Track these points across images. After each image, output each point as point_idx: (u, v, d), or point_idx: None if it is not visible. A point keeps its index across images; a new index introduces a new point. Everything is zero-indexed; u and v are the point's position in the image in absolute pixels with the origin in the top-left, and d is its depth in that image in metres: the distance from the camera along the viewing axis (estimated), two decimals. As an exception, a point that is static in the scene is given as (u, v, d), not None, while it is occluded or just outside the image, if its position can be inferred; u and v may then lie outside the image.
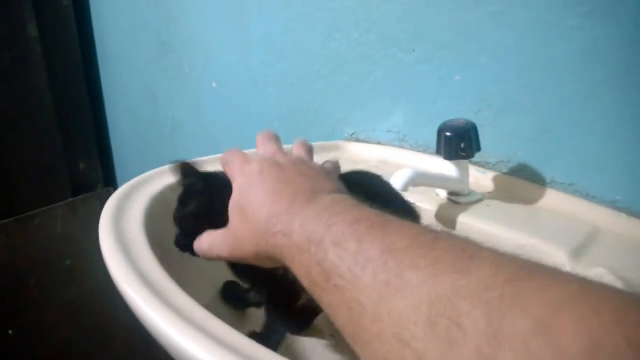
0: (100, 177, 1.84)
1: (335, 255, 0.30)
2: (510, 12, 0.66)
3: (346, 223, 0.32)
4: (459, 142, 0.64)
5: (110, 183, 1.86)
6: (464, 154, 0.64)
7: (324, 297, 0.31)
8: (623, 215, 0.61)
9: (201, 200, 0.49)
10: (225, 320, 0.40)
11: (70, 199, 1.72)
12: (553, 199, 0.66)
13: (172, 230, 0.52)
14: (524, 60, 0.67)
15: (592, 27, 0.60)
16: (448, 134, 0.64)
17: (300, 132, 1.03)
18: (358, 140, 0.92)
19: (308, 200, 0.37)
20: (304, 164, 0.45)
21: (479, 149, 0.66)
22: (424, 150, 0.81)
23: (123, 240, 0.51)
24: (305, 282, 0.34)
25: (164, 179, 0.68)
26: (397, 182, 0.60)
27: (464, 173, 0.67)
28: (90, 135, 1.79)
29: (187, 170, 0.50)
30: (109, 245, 0.50)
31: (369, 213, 0.33)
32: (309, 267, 0.32)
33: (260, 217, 0.38)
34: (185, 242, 0.49)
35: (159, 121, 1.50)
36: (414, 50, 0.79)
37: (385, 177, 0.59)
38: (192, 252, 0.48)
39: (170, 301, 0.43)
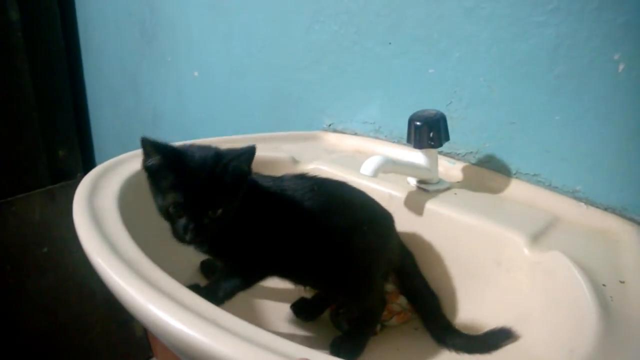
0: (79, 165, 1.83)
1: None
2: (484, 7, 0.69)
3: None
4: (428, 131, 0.66)
5: (90, 171, 1.85)
6: (432, 143, 0.66)
7: None
8: (582, 204, 0.64)
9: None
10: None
11: (49, 186, 1.71)
12: (517, 189, 0.69)
13: (145, 209, 0.54)
14: (495, 55, 0.69)
15: (558, 23, 0.62)
16: (418, 123, 0.67)
17: (281, 121, 1.04)
18: (335, 131, 0.94)
19: None
20: None
21: (447, 138, 0.68)
22: (399, 141, 0.84)
23: (96, 216, 0.52)
24: None
25: (137, 161, 0.68)
26: (367, 168, 0.62)
27: (433, 162, 0.69)
28: (70, 123, 1.78)
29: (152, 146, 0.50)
30: (82, 219, 0.51)
31: None
32: None
33: None
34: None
35: (140, 109, 1.50)
36: (390, 43, 0.81)
37: (360, 166, 0.62)
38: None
39: (144, 274, 0.44)
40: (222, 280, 0.54)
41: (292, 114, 1.02)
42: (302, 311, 0.65)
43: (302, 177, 0.61)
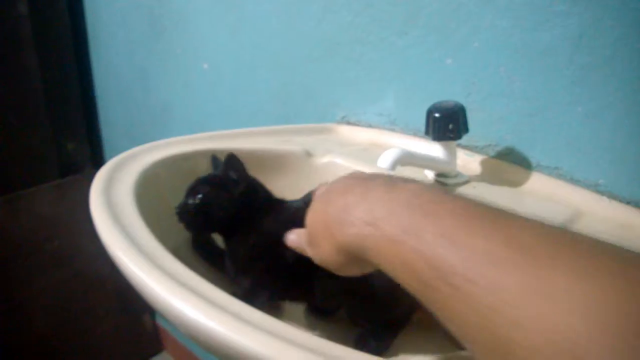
0: (88, 158, 1.83)
1: (447, 250, 0.26)
2: (503, -4, 0.67)
3: (449, 213, 0.27)
4: (447, 123, 0.65)
5: (98, 165, 1.82)
6: (451, 135, 0.65)
7: (435, 298, 0.26)
8: (604, 198, 0.63)
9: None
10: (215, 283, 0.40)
11: (58, 180, 1.71)
12: (538, 182, 0.68)
13: (161, 203, 0.53)
14: (515, 45, 0.68)
15: (580, 12, 0.61)
16: (437, 114, 0.65)
17: (292, 114, 1.03)
18: (349, 123, 0.92)
19: (387, 187, 0.32)
20: None
21: (466, 130, 0.67)
22: (414, 133, 0.82)
23: (114, 209, 0.52)
24: (402, 277, 0.29)
25: (153, 154, 0.68)
26: (384, 161, 0.61)
27: (452, 154, 0.68)
28: (79, 116, 1.78)
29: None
30: (100, 213, 0.50)
31: (469, 202, 0.28)
32: (409, 261, 0.27)
33: (334, 209, 0.34)
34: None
35: (149, 102, 1.50)
36: (406, 34, 0.80)
37: (375, 159, 0.60)
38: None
39: (165, 267, 0.43)
40: (254, 291, 0.54)
41: (304, 107, 1.01)
42: (318, 309, 0.64)
43: None
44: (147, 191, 0.59)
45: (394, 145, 0.80)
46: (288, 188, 0.60)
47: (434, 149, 0.69)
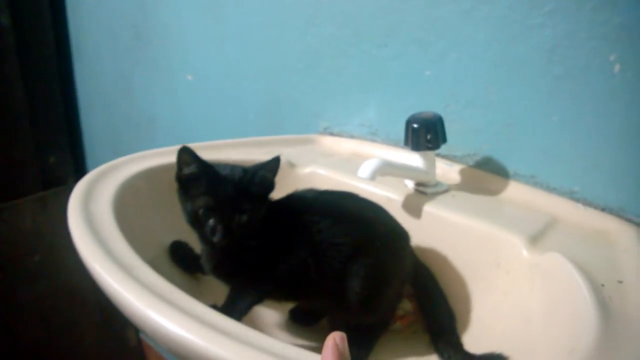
0: (71, 171, 1.81)
1: None
2: (481, 9, 0.69)
3: None
4: (425, 133, 0.66)
5: (81, 177, 1.82)
6: (430, 145, 0.66)
7: None
8: (580, 205, 0.64)
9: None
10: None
11: (41, 193, 1.69)
12: (515, 190, 0.69)
13: (141, 214, 0.53)
14: (492, 57, 0.69)
15: (554, 25, 0.63)
16: (415, 125, 0.66)
17: (276, 125, 1.04)
18: (332, 134, 0.93)
19: None
20: None
21: (444, 140, 0.68)
22: (396, 143, 0.83)
23: (91, 221, 0.51)
24: None
25: (133, 165, 0.68)
26: (364, 171, 0.61)
27: (431, 164, 0.69)
28: (61, 129, 1.75)
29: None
30: (77, 224, 0.50)
31: None
32: None
33: None
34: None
35: (134, 114, 1.49)
36: (386, 46, 0.81)
37: (356, 169, 0.61)
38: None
39: (141, 279, 0.43)
40: (236, 300, 0.54)
41: (287, 118, 1.01)
42: (301, 316, 0.64)
43: (312, 191, 0.62)
44: (126, 203, 0.59)
45: (375, 156, 0.81)
46: (273, 195, 0.60)
47: (414, 159, 0.70)
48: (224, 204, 0.52)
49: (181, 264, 0.62)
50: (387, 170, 0.63)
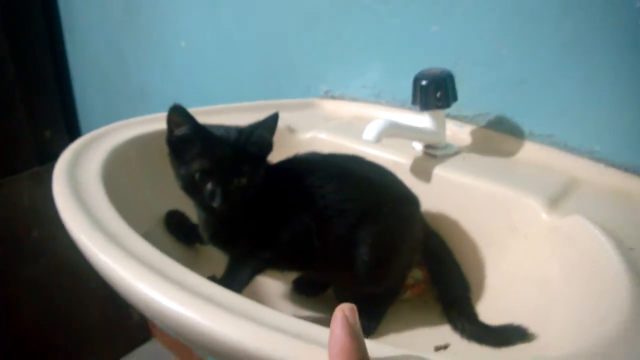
0: (67, 145, 1.77)
1: None
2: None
3: None
4: (434, 91, 0.62)
5: (78, 152, 1.79)
6: (439, 104, 0.62)
7: None
8: (601, 165, 0.60)
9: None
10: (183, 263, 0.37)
11: (36, 168, 1.66)
12: (531, 151, 0.65)
13: (131, 183, 0.49)
14: (503, 9, 0.64)
15: (572, -30, 0.57)
16: (423, 82, 0.62)
17: (274, 90, 0.99)
18: (333, 98, 0.88)
19: None
20: None
21: (455, 98, 0.64)
22: (401, 105, 0.79)
23: (78, 190, 0.48)
24: None
25: (124, 132, 0.64)
26: (369, 133, 0.58)
27: (440, 124, 0.65)
28: (55, 103, 1.71)
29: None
30: (62, 193, 0.46)
31: None
32: None
33: None
34: None
35: (127, 86, 1.44)
36: (388, 2, 0.75)
37: (360, 133, 0.57)
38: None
39: (131, 249, 0.40)
40: (236, 270, 0.51)
41: (285, 82, 0.97)
42: (305, 287, 0.61)
43: (314, 154, 0.58)
44: (116, 171, 0.56)
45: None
46: (272, 161, 0.56)
47: (422, 120, 0.65)
48: (221, 167, 0.48)
49: (178, 234, 0.59)
50: (393, 131, 0.59)
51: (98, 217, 0.44)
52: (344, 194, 0.52)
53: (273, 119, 0.52)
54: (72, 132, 1.79)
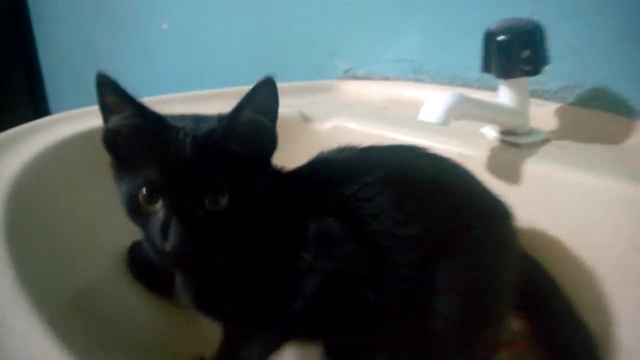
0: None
1: None
2: None
3: None
4: (519, 50, 0.44)
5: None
6: (527, 68, 0.45)
7: None
8: None
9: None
10: None
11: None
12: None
13: (65, 200, 0.30)
14: None
15: None
16: (502, 37, 0.45)
17: (278, 71, 0.81)
18: (356, 77, 0.73)
19: None
20: None
21: (546, 61, 0.46)
22: (451, 82, 0.62)
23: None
24: None
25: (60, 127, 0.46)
26: (432, 112, 0.41)
27: (524, 100, 0.48)
28: (25, 101, 1.60)
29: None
30: None
31: None
32: None
33: None
34: None
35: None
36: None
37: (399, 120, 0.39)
38: None
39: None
40: (236, 350, 0.34)
41: (292, 61, 0.82)
42: (343, 354, 0.41)
43: (350, 150, 0.39)
44: (37, 185, 0.37)
45: (422, 101, 0.59)
46: (282, 163, 0.37)
47: (493, 96, 0.47)
48: (180, 178, 0.29)
49: (147, 279, 0.39)
50: (466, 110, 0.43)
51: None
52: (406, 211, 0.33)
53: (267, 87, 0.32)
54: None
